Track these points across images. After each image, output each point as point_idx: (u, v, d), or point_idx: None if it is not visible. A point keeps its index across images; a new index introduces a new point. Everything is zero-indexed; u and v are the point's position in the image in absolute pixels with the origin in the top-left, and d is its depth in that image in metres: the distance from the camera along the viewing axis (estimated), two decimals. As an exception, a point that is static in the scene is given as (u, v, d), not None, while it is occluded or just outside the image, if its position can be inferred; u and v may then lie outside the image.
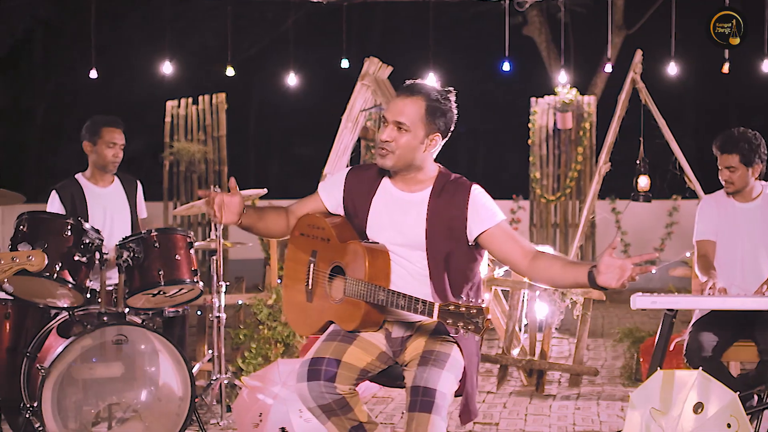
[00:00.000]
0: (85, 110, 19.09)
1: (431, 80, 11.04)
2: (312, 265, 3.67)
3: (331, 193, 3.70)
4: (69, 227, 4.74)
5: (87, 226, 4.81)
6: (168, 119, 10.86)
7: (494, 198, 3.64)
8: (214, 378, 5.25)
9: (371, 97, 6.69)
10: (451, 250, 3.52)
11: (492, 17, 13.41)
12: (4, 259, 3.70)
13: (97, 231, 4.89)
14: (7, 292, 4.75)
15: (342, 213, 3.69)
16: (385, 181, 3.62)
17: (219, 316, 5.27)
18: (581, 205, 10.65)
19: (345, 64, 10.72)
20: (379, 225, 3.58)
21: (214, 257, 5.41)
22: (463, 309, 3.17)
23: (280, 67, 12.05)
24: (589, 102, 10.98)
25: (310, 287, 3.68)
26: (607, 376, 6.68)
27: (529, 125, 10.83)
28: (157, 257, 4.88)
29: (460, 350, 3.53)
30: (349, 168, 3.74)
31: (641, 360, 6.23)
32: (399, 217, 3.56)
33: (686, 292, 10.69)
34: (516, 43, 11.01)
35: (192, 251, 5.02)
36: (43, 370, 4.49)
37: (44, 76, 18.81)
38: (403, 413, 5.56)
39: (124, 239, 4.92)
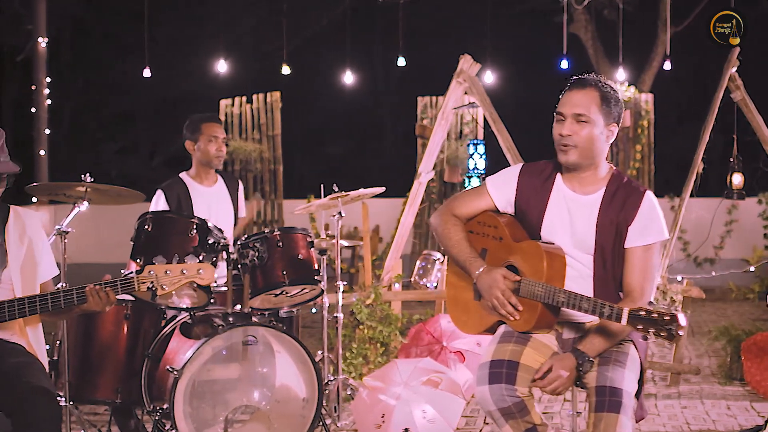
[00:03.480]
0: (134, 109, 19.08)
1: (489, 77, 11.01)
2: None
3: (502, 191, 3.64)
4: (194, 227, 4.69)
5: (211, 225, 4.76)
6: (222, 118, 10.78)
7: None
8: (332, 378, 5.19)
9: (462, 95, 6.63)
10: (616, 254, 3.49)
11: (537, 16, 13.37)
12: (173, 272, 3.65)
13: (221, 230, 4.83)
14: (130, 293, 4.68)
15: (512, 212, 3.64)
16: (558, 181, 3.58)
17: (337, 316, 5.21)
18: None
19: (401, 62, 10.66)
20: (552, 226, 3.54)
21: (324, 257, 5.35)
22: (656, 315, 3.12)
23: (334, 66, 12.00)
24: (647, 100, 10.93)
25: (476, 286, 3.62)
26: (701, 374, 6.63)
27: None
28: (281, 257, 4.82)
29: (636, 349, 3.49)
30: (520, 166, 3.69)
31: (742, 358, 6.18)
32: (571, 220, 3.52)
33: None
34: (559, 41, 10.96)
35: (312, 250, 4.96)
36: (175, 372, 4.43)
37: (72, 74, 18.76)
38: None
39: (246, 238, 4.86)
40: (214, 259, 4.73)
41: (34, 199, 10.49)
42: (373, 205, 7.04)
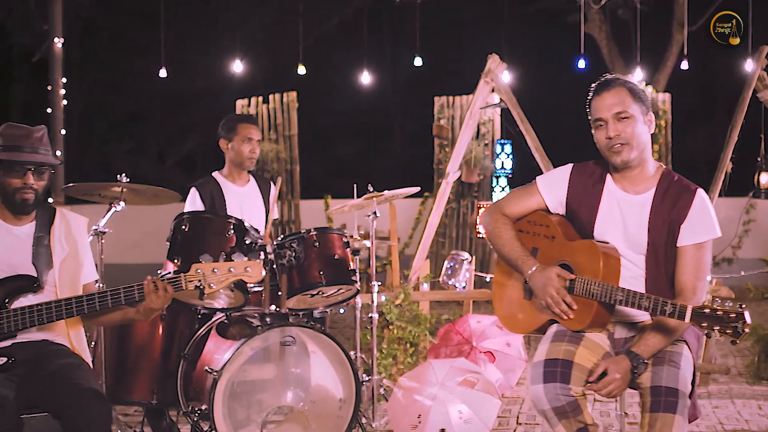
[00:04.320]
0: (145, 109, 19.00)
1: (506, 77, 10.95)
2: None
3: (553, 191, 3.64)
4: (231, 227, 4.67)
5: (248, 225, 4.74)
6: (237, 118, 10.75)
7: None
8: (366, 379, 5.17)
9: (489, 95, 6.61)
10: (669, 253, 3.48)
11: (550, 15, 13.35)
12: (220, 270, 3.64)
13: (257, 230, 4.82)
14: None
15: (563, 212, 3.63)
16: (609, 181, 3.57)
17: (372, 317, 5.19)
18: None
19: (418, 62, 10.64)
20: (604, 227, 3.54)
21: (357, 257, 5.33)
22: (721, 313, 3.11)
23: (343, 67, 11.97)
24: (664, 99, 10.92)
25: (529, 285, 3.60)
26: (728, 374, 6.62)
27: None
28: (317, 257, 4.79)
29: (689, 349, 3.48)
30: (571, 166, 3.68)
31: (773, 359, 6.17)
32: (623, 220, 3.52)
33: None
34: (574, 41, 10.94)
35: (348, 250, 4.94)
36: (215, 373, 4.41)
37: (82, 75, 18.75)
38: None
39: (282, 238, 4.84)
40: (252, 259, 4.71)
41: (50, 200, 10.46)
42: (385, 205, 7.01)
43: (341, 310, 5.63)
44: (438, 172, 10.32)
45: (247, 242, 4.67)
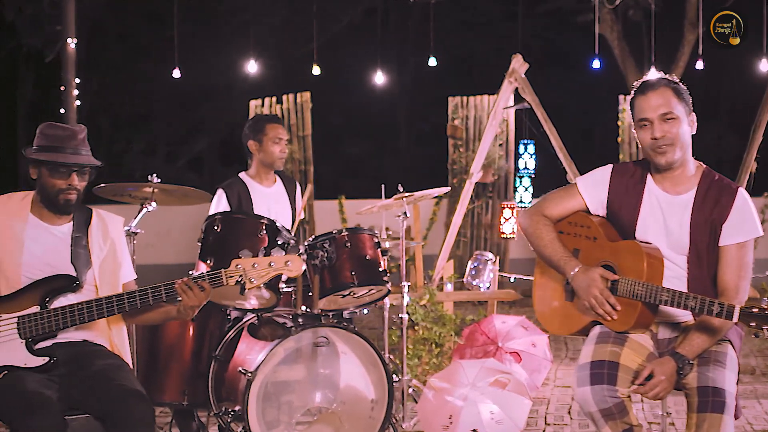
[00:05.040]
0: (154, 110, 18.94)
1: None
2: None
3: (594, 193, 3.63)
4: (264, 227, 4.65)
5: (280, 225, 4.72)
6: (251, 119, 10.73)
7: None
8: (396, 379, 5.16)
9: (511, 95, 6.61)
10: (711, 253, 3.48)
11: (562, 15, 13.34)
12: (260, 265, 3.62)
13: (289, 231, 4.80)
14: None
15: (603, 213, 3.63)
16: (650, 182, 3.57)
17: (402, 317, 5.18)
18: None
19: (432, 62, 10.63)
20: (646, 228, 3.53)
21: (385, 257, 5.32)
22: None
23: (351, 67, 11.95)
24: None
25: (571, 286, 3.59)
26: (753, 374, 6.61)
27: (618, 123, 10.72)
28: (348, 257, 4.78)
29: (733, 349, 3.48)
30: (611, 167, 3.67)
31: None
32: (664, 221, 3.52)
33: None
34: (585, 41, 10.95)
35: (379, 250, 4.93)
36: (249, 374, 4.40)
37: (87, 75, 18.72)
38: (568, 413, 5.49)
39: (314, 239, 4.83)
40: None
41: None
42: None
43: (365, 311, 5.62)
44: (452, 173, 10.30)
45: (279, 242, 4.66)
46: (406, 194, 5.19)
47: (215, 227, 4.65)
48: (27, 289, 3.54)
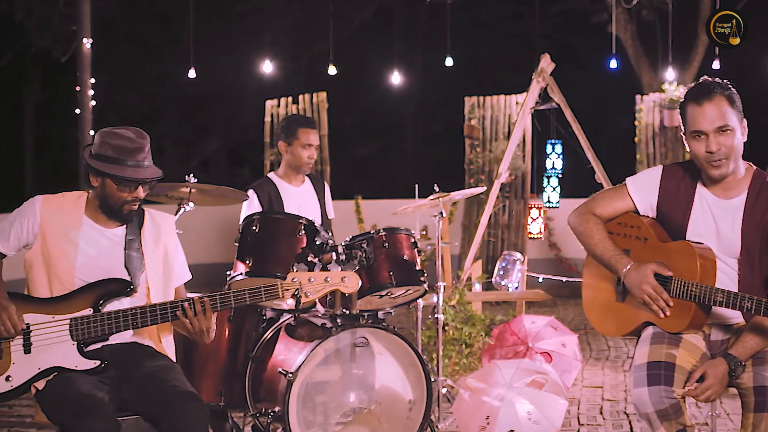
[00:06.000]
0: (166, 111, 18.91)
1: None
2: None
3: (644, 195, 3.62)
4: (302, 227, 4.64)
5: (318, 225, 4.71)
6: (267, 119, 10.70)
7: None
8: (433, 380, 5.15)
9: (538, 95, 6.60)
10: (763, 256, 3.46)
11: (577, 15, 13.32)
12: (316, 279, 3.63)
13: (326, 231, 4.79)
14: None
15: (653, 215, 3.62)
16: (700, 185, 3.55)
17: (438, 317, 5.17)
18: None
19: (449, 62, 10.61)
20: (698, 232, 3.52)
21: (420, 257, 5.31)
22: None
23: (359, 67, 11.90)
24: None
25: (622, 287, 3.58)
26: None
27: (636, 123, 10.71)
28: (386, 258, 4.76)
29: (786, 348, 3.48)
30: (661, 168, 3.66)
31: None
32: (716, 225, 3.50)
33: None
34: (599, 41, 10.94)
35: (416, 251, 4.92)
36: (289, 375, 4.38)
37: (101, 75, 18.68)
38: (613, 413, 5.49)
39: (352, 239, 4.81)
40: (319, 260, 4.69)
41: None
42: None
43: (391, 312, 5.61)
44: (469, 173, 10.27)
45: (317, 243, 4.65)
46: (443, 194, 5.17)
47: (253, 227, 4.64)
48: (80, 291, 3.52)
